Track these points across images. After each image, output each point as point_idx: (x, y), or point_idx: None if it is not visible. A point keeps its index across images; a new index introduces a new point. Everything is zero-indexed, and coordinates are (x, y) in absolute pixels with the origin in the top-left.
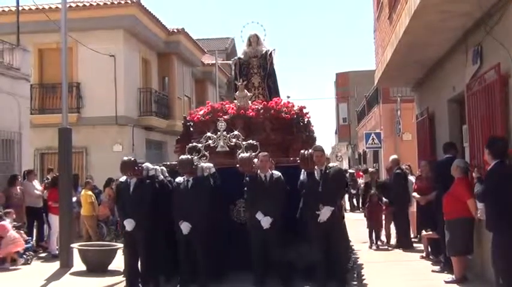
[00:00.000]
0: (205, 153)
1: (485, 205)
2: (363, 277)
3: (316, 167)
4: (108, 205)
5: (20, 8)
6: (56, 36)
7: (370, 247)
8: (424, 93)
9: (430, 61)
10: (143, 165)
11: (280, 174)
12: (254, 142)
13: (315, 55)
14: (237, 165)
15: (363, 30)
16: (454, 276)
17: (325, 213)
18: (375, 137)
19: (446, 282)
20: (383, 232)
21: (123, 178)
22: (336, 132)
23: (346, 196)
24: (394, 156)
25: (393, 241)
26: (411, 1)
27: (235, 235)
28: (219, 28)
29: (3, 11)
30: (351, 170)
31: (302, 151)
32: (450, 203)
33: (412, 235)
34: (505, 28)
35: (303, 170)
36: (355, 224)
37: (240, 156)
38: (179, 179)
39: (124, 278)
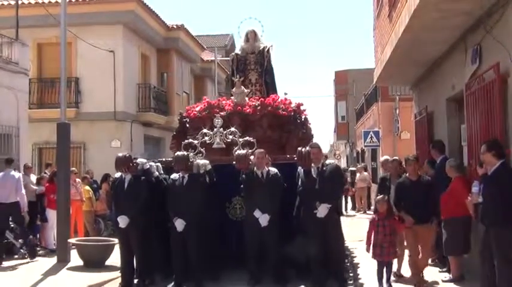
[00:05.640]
0: (201, 149)
1: (487, 202)
2: (359, 277)
3: (313, 164)
4: (105, 200)
5: (20, 2)
6: (55, 31)
7: None
8: (422, 92)
9: (430, 60)
10: (137, 161)
11: (276, 171)
12: (251, 139)
13: (315, 53)
14: (233, 162)
15: (362, 28)
16: (451, 275)
17: (322, 210)
18: (373, 135)
19: (444, 281)
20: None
21: (117, 174)
22: (334, 131)
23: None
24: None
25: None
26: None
27: (230, 232)
28: (218, 25)
29: (3, 4)
30: (352, 168)
31: (299, 148)
32: (448, 202)
33: None
34: (505, 28)
35: (299, 167)
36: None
37: (236, 153)
38: (174, 175)
39: (121, 274)
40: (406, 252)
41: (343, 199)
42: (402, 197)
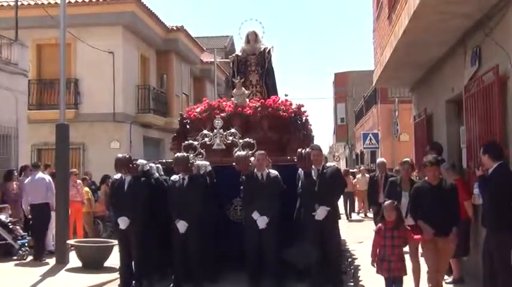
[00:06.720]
0: (201, 151)
1: (486, 204)
2: (360, 278)
3: (313, 166)
4: (104, 201)
5: (19, 3)
6: (55, 32)
7: None
8: (422, 94)
9: (429, 62)
10: (137, 162)
11: (277, 173)
12: (251, 140)
13: (315, 55)
14: (234, 163)
15: (362, 30)
16: (450, 277)
17: (321, 213)
18: (372, 137)
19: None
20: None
21: (117, 175)
22: (333, 133)
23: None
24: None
25: None
26: (411, 1)
27: (231, 234)
28: (218, 26)
29: (2, 5)
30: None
31: (299, 150)
32: None
33: None
34: (504, 30)
35: (300, 169)
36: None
37: (236, 154)
38: (175, 177)
39: (119, 275)
40: (422, 267)
41: (349, 201)
42: (420, 204)
